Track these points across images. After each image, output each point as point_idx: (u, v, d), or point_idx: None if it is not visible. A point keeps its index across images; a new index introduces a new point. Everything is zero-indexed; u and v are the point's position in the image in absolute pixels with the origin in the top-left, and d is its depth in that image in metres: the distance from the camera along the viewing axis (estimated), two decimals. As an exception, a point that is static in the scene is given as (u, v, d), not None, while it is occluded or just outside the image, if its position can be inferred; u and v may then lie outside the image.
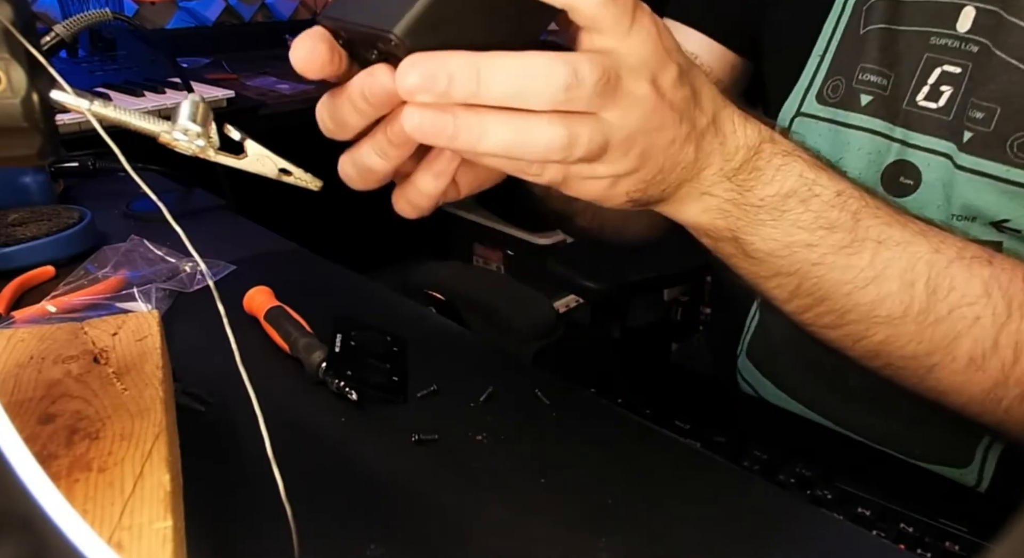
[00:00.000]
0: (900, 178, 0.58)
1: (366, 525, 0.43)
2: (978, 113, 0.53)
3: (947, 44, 0.56)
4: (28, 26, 0.29)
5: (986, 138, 0.53)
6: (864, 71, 0.59)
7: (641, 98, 0.37)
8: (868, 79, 0.59)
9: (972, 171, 0.54)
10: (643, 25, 0.36)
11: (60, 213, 0.77)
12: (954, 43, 0.55)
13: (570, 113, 0.35)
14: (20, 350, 0.46)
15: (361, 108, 0.36)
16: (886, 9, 0.59)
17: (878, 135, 0.59)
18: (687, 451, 0.53)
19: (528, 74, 0.34)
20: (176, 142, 0.33)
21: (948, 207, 0.55)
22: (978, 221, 0.54)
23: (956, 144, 0.54)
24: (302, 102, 1.55)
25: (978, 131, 0.53)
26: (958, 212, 0.55)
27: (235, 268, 0.72)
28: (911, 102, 0.57)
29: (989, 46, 0.53)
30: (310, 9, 2.21)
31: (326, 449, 0.50)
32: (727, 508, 0.46)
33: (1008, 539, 0.17)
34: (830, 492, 0.59)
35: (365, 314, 0.68)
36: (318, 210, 1.45)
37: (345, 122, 0.37)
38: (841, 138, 0.60)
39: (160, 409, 0.41)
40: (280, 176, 0.37)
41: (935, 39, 0.56)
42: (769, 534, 0.45)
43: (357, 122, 0.37)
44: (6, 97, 0.29)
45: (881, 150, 0.58)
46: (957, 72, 0.55)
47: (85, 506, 0.33)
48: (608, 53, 0.36)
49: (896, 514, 0.57)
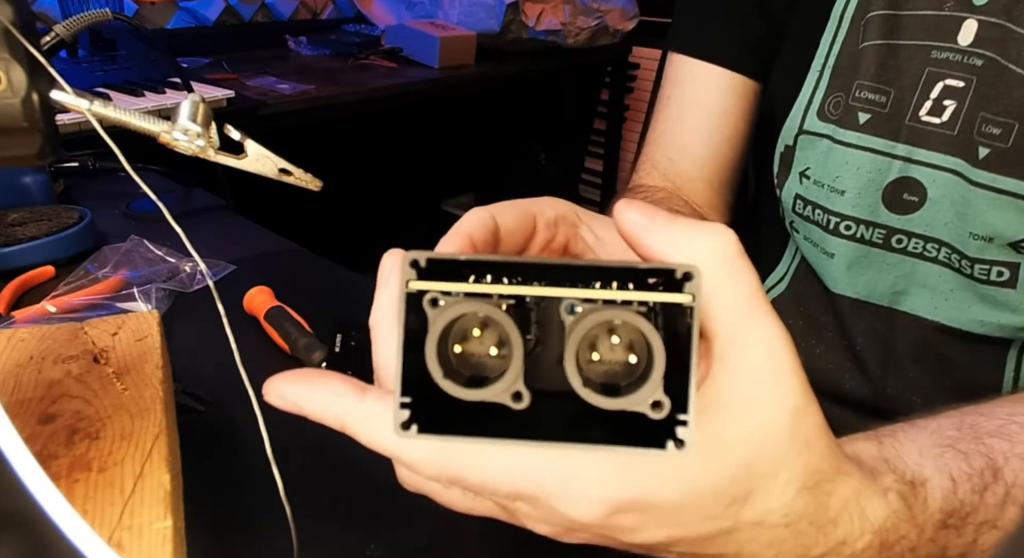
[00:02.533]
0: (903, 195, 0.57)
1: (366, 525, 0.43)
2: (994, 129, 0.52)
3: (949, 58, 0.54)
4: (28, 26, 0.29)
5: (1004, 154, 0.52)
6: (861, 88, 0.58)
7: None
8: (865, 96, 0.58)
9: (989, 188, 0.52)
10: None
11: (60, 213, 0.77)
12: (956, 57, 0.54)
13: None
14: (20, 350, 0.46)
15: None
16: (884, 24, 0.57)
17: (878, 153, 0.57)
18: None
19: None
20: (176, 142, 0.33)
21: (963, 225, 0.54)
22: (995, 242, 0.53)
23: (968, 160, 0.53)
24: (302, 102, 1.55)
25: (995, 147, 0.52)
26: (977, 231, 0.53)
27: (235, 268, 0.72)
28: (914, 117, 0.56)
29: (997, 59, 0.52)
30: (310, 9, 2.21)
31: (326, 449, 0.50)
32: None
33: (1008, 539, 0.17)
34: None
35: (365, 314, 0.68)
36: (318, 210, 1.45)
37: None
38: (838, 156, 0.59)
39: (160, 409, 0.41)
40: (280, 176, 0.37)
41: (936, 53, 0.55)
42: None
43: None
44: (6, 97, 0.29)
45: (882, 168, 0.57)
46: (960, 86, 0.54)
47: (85, 506, 0.33)
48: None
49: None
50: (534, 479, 0.26)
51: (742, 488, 0.26)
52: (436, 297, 0.23)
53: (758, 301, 0.27)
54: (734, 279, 0.27)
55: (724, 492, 0.26)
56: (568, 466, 0.26)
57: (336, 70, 1.82)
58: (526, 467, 0.26)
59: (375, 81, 1.75)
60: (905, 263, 0.58)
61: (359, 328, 0.60)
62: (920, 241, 0.57)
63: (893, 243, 0.58)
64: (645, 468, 0.26)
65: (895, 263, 0.59)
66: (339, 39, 2.03)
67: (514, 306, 0.24)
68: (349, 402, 0.28)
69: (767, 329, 0.27)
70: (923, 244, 0.57)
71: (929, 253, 0.57)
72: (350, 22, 2.22)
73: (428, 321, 0.23)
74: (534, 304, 0.25)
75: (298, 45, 1.99)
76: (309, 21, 2.20)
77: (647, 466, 0.26)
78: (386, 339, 0.32)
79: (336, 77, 1.74)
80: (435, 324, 0.23)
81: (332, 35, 2.08)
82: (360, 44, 1.96)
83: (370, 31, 2.08)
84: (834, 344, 0.64)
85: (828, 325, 0.64)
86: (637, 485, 0.26)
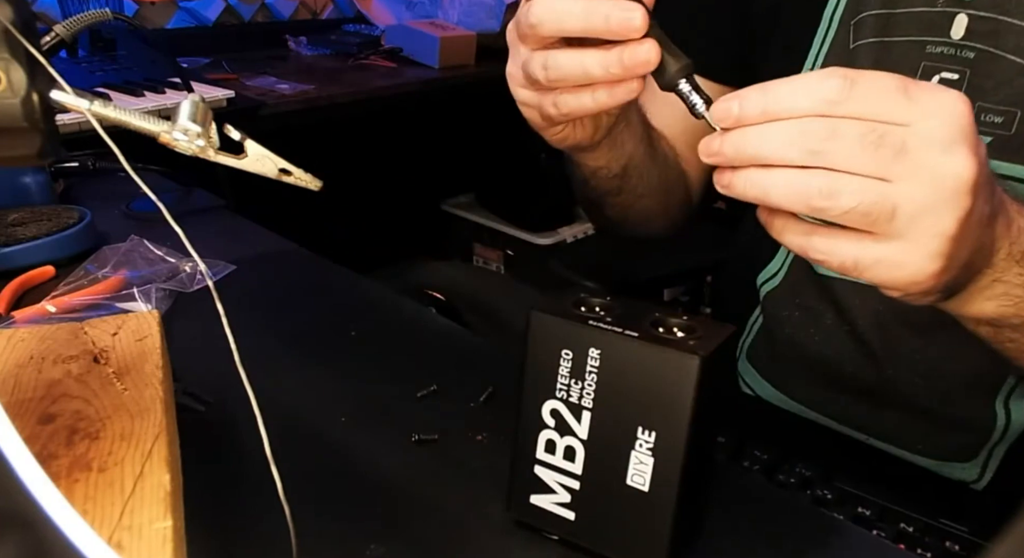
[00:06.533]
0: None
1: (366, 525, 0.43)
2: (995, 117, 0.54)
3: (943, 52, 0.56)
4: (28, 26, 0.29)
5: (1008, 141, 0.53)
6: None
7: (942, 174, 0.35)
8: None
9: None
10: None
11: (60, 213, 0.77)
12: (949, 50, 0.56)
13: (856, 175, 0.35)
14: (20, 350, 0.46)
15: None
16: (877, 22, 0.59)
17: None
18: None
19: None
20: (176, 142, 0.33)
21: None
22: None
23: None
24: (302, 102, 1.55)
25: (997, 135, 0.54)
26: None
27: (235, 268, 0.72)
28: None
29: (991, 50, 0.54)
30: (310, 9, 2.20)
31: (326, 449, 0.50)
32: (725, 507, 0.46)
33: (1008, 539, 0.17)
34: (830, 492, 0.59)
35: (365, 314, 0.68)
36: (318, 210, 1.45)
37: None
38: None
39: (160, 409, 0.41)
40: (280, 176, 0.37)
41: (931, 48, 0.57)
42: (768, 534, 0.45)
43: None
44: (6, 97, 0.29)
45: None
46: (955, 78, 0.56)
47: (85, 506, 0.33)
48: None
49: (896, 514, 0.57)
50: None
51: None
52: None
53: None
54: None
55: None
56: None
57: (336, 70, 1.82)
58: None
59: (375, 81, 1.75)
60: None
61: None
62: None
63: None
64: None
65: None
66: (339, 39, 2.03)
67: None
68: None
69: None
70: None
71: None
72: (350, 22, 2.21)
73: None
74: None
75: (298, 45, 1.99)
76: (309, 21, 2.20)
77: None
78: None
79: (336, 77, 1.74)
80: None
81: (332, 35, 2.08)
82: (360, 44, 1.96)
83: (370, 31, 2.08)
84: (834, 331, 0.65)
85: (827, 313, 0.65)
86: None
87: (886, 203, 0.35)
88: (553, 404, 0.39)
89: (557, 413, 0.39)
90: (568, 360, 0.38)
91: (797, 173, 0.35)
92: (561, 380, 0.39)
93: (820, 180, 0.35)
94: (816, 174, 0.35)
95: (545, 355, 0.39)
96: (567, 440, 0.39)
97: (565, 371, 0.38)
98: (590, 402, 0.38)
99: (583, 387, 0.38)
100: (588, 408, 0.38)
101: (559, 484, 0.40)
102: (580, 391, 0.38)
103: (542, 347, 0.39)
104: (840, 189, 0.35)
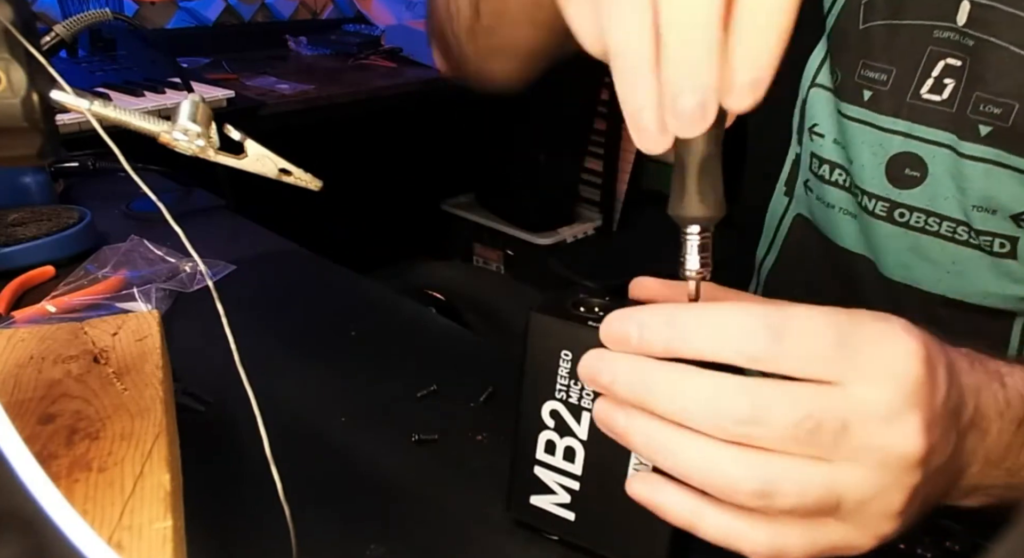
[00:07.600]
0: (906, 170, 0.59)
1: (366, 525, 0.43)
2: (994, 108, 0.54)
3: (949, 37, 0.56)
4: (28, 26, 0.29)
5: (1005, 133, 0.53)
6: (866, 67, 0.60)
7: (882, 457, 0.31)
8: (869, 75, 0.60)
9: (991, 162, 0.54)
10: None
11: (60, 213, 0.77)
12: (955, 36, 0.56)
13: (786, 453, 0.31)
14: (20, 350, 0.46)
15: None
16: (887, 4, 0.59)
17: (880, 129, 0.59)
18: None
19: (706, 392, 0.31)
20: (176, 142, 0.33)
21: (964, 199, 0.56)
22: (998, 214, 0.55)
23: (966, 137, 0.55)
24: (302, 102, 1.55)
25: (996, 126, 0.54)
26: (979, 204, 0.55)
27: (235, 268, 0.72)
28: (915, 95, 0.58)
29: (991, 40, 0.54)
30: (310, 9, 2.21)
31: (326, 449, 0.50)
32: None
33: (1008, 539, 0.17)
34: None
35: (365, 314, 0.68)
36: (318, 210, 1.45)
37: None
38: (843, 130, 0.61)
39: (160, 409, 0.41)
40: (280, 176, 0.37)
41: (938, 32, 0.57)
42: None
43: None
44: (6, 97, 0.29)
45: (883, 143, 0.59)
46: (958, 65, 0.56)
47: (85, 506, 0.33)
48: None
49: (896, 514, 0.57)
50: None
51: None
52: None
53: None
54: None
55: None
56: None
57: (336, 70, 1.82)
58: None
59: (375, 81, 1.75)
60: (908, 237, 0.59)
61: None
62: (922, 215, 0.58)
63: (896, 217, 0.59)
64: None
65: (897, 236, 0.60)
66: (339, 39, 2.03)
67: None
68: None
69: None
70: (924, 218, 0.58)
71: (931, 227, 0.58)
72: (350, 22, 2.22)
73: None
74: None
75: (298, 45, 1.99)
76: (309, 21, 2.20)
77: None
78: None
79: (336, 77, 1.74)
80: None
81: (332, 35, 2.08)
82: (360, 44, 1.96)
83: (370, 31, 2.08)
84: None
85: (833, 287, 0.66)
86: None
87: (831, 497, 0.31)
88: (553, 405, 0.39)
89: (557, 414, 0.39)
90: (568, 360, 0.38)
91: (717, 450, 0.31)
92: (560, 381, 0.39)
93: (752, 472, 0.31)
94: (744, 461, 0.31)
95: (544, 356, 0.39)
96: (567, 441, 0.39)
97: (565, 372, 0.38)
98: (590, 403, 0.38)
99: (583, 387, 0.38)
100: (588, 409, 0.38)
101: (559, 485, 0.40)
102: (580, 392, 0.38)
103: (541, 348, 0.39)
104: (778, 487, 0.31)
